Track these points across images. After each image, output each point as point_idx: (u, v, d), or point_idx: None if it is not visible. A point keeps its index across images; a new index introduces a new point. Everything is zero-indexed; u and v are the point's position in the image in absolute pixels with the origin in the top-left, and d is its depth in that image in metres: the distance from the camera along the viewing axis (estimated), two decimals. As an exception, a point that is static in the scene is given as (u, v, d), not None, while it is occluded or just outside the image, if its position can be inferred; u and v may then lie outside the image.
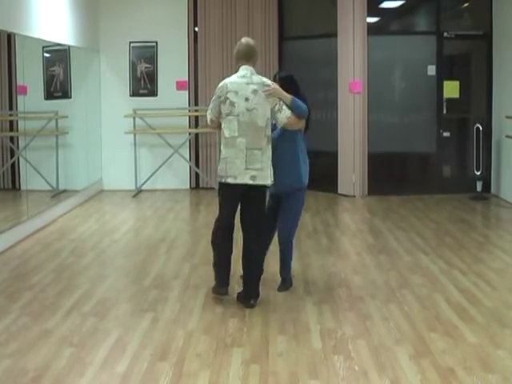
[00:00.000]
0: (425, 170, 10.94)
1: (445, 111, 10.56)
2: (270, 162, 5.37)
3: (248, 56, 5.43)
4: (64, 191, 9.78)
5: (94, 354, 4.40)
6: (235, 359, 4.30)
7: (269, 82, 5.41)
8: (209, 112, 5.50)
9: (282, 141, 5.54)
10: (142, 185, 11.17)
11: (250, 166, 5.27)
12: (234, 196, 5.39)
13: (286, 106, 5.36)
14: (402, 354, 4.33)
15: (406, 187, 10.57)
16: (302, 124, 5.55)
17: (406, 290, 5.72)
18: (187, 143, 11.26)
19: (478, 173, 10.16)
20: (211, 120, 5.52)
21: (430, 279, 6.04)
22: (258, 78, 5.37)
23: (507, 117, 9.61)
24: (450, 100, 10.53)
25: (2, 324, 4.97)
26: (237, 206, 5.43)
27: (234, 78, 5.42)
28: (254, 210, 5.41)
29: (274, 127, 5.56)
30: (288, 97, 5.37)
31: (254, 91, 5.30)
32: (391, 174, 10.74)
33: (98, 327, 4.92)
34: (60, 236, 7.96)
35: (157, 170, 11.15)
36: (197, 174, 11.38)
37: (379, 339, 4.61)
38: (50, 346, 4.53)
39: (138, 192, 11.04)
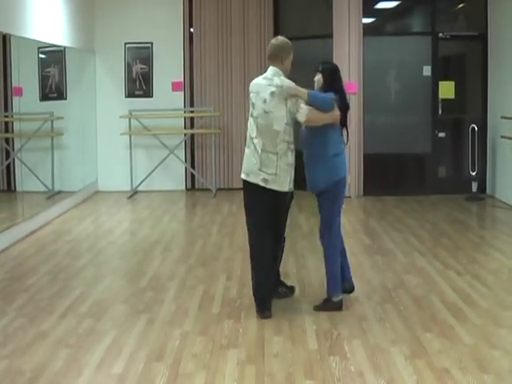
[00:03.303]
0: (420, 170, 10.92)
1: (440, 112, 10.57)
2: (289, 169, 5.19)
3: (272, 56, 5.26)
4: (59, 192, 9.77)
5: (91, 355, 4.40)
6: (231, 360, 4.30)
7: (285, 83, 5.15)
8: None
9: (311, 139, 5.29)
10: (138, 186, 11.16)
11: (263, 168, 5.11)
12: (259, 199, 5.19)
13: (305, 103, 5.16)
14: (398, 355, 4.34)
15: (401, 188, 10.57)
16: (328, 117, 5.20)
17: (401, 290, 5.73)
18: (183, 144, 11.25)
19: (474, 173, 10.18)
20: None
21: (425, 280, 6.05)
22: (278, 80, 5.14)
23: (502, 117, 9.63)
24: (445, 100, 10.54)
25: (-3, 325, 4.97)
26: (265, 210, 5.20)
27: (259, 78, 5.29)
28: (275, 215, 5.29)
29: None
30: (304, 92, 5.14)
31: (272, 93, 5.08)
32: (387, 175, 10.74)
33: (94, 328, 4.91)
34: (55, 237, 7.96)
35: (152, 171, 11.14)
36: (192, 175, 11.38)
37: (375, 340, 4.62)
38: (47, 348, 4.53)
39: (134, 193, 11.03)
